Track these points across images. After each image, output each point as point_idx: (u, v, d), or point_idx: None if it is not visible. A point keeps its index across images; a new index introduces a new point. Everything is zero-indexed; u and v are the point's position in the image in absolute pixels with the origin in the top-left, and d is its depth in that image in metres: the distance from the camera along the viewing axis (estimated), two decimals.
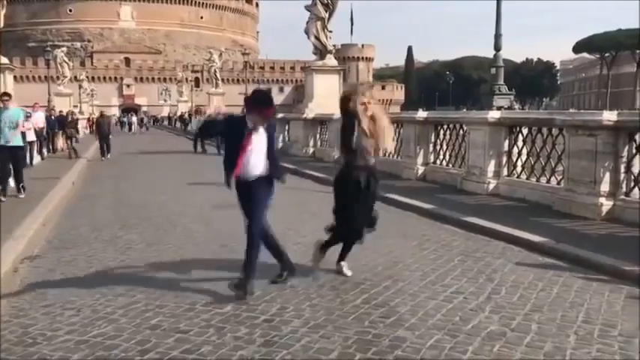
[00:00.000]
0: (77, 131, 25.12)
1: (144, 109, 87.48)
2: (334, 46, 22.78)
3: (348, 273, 5.64)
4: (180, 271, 5.91)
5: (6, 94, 11.52)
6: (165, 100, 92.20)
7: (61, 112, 27.63)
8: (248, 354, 3.83)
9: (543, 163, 9.91)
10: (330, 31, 21.31)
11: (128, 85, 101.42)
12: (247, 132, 5.07)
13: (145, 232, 7.96)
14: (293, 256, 6.44)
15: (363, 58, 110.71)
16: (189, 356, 3.80)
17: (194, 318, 4.51)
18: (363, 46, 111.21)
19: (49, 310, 4.76)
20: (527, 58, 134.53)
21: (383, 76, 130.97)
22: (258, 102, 5.12)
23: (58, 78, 45.08)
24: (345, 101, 5.52)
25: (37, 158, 18.53)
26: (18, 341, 4.08)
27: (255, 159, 5.13)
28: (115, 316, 4.59)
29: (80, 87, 60.18)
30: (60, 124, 23.14)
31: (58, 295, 5.14)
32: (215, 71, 48.57)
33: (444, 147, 12.97)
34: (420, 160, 13.14)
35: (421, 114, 13.79)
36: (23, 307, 4.84)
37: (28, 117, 17.62)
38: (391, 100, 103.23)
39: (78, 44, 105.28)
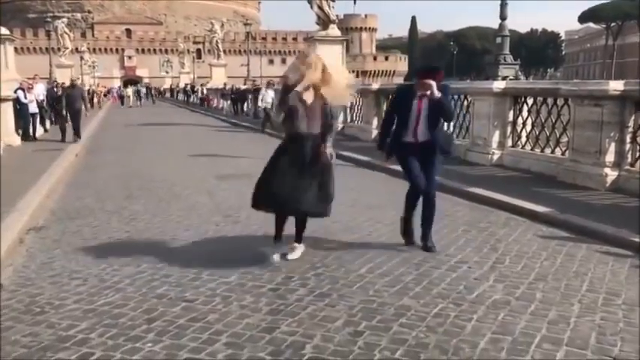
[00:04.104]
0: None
1: (145, 80, 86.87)
2: (337, 16, 22.48)
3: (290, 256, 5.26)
4: (184, 242, 5.95)
5: None
6: (167, 72, 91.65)
7: (63, 83, 27.06)
8: (254, 322, 3.86)
9: (548, 134, 9.85)
10: (333, 1, 21.01)
11: (129, 57, 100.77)
12: (417, 99, 5.37)
13: (149, 204, 7.98)
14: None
15: (366, 28, 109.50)
16: (196, 324, 3.83)
17: (200, 287, 4.54)
18: (366, 16, 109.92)
19: (55, 279, 4.80)
20: (531, 29, 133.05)
21: (386, 46, 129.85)
22: (421, 69, 5.54)
23: (59, 49, 44.75)
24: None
25: (39, 130, 18.52)
26: (26, 310, 4.12)
27: (423, 125, 5.41)
28: (121, 285, 4.62)
29: (81, 59, 59.84)
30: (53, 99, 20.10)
31: (65, 265, 5.18)
32: (217, 42, 48.06)
33: None
34: None
35: None
36: (30, 277, 4.88)
37: (30, 89, 17.60)
38: (394, 71, 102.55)
39: (78, 15, 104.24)
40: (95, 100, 43.40)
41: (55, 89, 21.62)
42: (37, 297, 4.38)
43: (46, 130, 19.80)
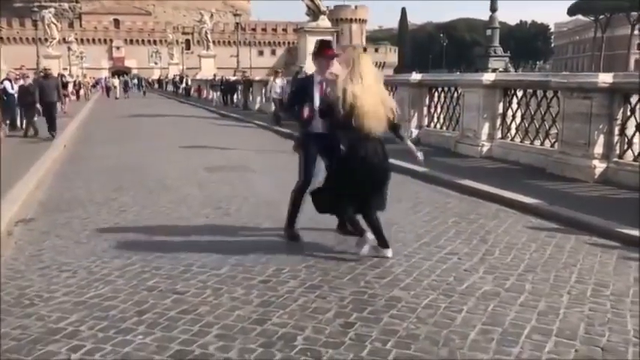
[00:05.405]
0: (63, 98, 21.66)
1: (134, 71, 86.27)
2: (327, 7, 22.43)
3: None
4: (175, 234, 5.92)
5: None
6: (155, 63, 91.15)
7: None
8: (245, 314, 3.86)
9: (537, 126, 9.90)
10: None
11: (118, 48, 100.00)
12: (319, 84, 5.21)
13: (138, 195, 7.94)
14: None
15: (356, 19, 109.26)
16: (187, 316, 3.82)
17: (190, 279, 4.53)
18: (356, 7, 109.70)
19: (45, 272, 4.77)
20: (521, 21, 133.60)
21: (376, 38, 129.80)
22: (321, 46, 5.33)
23: (46, 40, 44.28)
24: None
25: None
26: (15, 302, 4.09)
27: None
28: (111, 277, 4.60)
29: (69, 49, 59.16)
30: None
31: (54, 257, 5.15)
32: (206, 33, 47.86)
33: (438, 110, 12.92)
34: (413, 123, 13.09)
35: (415, 76, 13.69)
36: (19, 269, 4.84)
37: (17, 79, 17.41)
38: (384, 63, 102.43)
39: (66, 5, 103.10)
40: (82, 91, 42.80)
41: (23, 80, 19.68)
42: (26, 289, 4.35)
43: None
